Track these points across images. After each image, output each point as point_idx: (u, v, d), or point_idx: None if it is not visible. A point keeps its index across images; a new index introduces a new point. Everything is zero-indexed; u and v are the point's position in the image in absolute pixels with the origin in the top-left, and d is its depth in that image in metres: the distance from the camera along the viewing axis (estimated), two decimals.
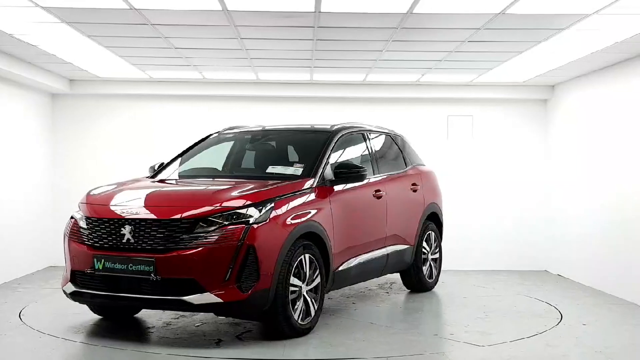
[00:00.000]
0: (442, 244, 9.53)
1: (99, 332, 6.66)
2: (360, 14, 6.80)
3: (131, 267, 5.90)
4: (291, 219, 6.29)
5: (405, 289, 9.10)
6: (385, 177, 8.08)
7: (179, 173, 7.64)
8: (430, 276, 9.07)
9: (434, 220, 9.19)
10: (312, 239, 6.54)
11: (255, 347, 6.06)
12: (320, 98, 11.43)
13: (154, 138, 11.34)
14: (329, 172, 7.03)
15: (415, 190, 8.67)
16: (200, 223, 5.89)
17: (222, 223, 5.90)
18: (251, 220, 5.95)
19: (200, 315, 7.14)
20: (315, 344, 6.21)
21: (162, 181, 7.34)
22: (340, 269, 7.04)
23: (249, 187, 6.38)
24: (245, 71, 10.16)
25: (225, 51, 8.66)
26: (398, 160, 8.71)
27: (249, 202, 6.05)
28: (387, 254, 7.95)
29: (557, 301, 8.52)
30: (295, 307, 6.26)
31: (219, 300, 5.77)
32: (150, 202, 6.38)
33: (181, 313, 7.25)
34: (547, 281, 10.36)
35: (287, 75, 10.64)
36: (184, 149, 8.23)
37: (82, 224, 6.37)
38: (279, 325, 6.18)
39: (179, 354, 5.80)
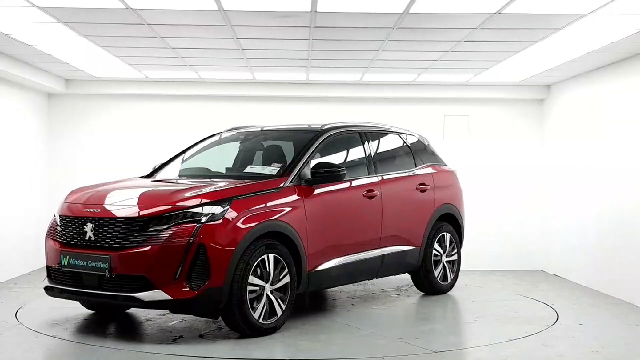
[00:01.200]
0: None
1: (95, 331, 6.66)
2: (356, 14, 6.80)
3: (90, 263, 6.15)
4: (251, 218, 6.29)
5: (420, 292, 8.92)
6: (383, 177, 7.95)
7: (178, 173, 7.72)
8: (445, 279, 8.82)
9: (450, 221, 8.95)
10: (279, 239, 6.54)
11: (210, 345, 6.13)
12: (316, 98, 11.43)
13: (150, 138, 11.33)
14: (307, 172, 7.01)
15: (423, 191, 8.48)
16: (154, 222, 6.02)
17: (174, 222, 6.01)
18: (203, 219, 6.03)
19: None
20: (269, 343, 6.19)
21: (155, 181, 7.42)
22: (317, 269, 6.97)
23: (209, 187, 6.45)
24: (242, 71, 10.15)
25: (221, 51, 8.65)
26: (405, 160, 8.54)
27: (201, 202, 6.13)
28: (383, 255, 7.82)
29: (554, 301, 8.53)
30: (256, 306, 6.27)
31: (169, 297, 5.89)
32: (112, 201, 6.53)
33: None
34: (544, 281, 10.38)
35: (283, 75, 10.64)
36: (184, 148, 8.28)
37: (58, 221, 6.67)
38: (236, 323, 6.23)
39: (139, 350, 5.92)
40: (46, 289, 6.65)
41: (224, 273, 6.00)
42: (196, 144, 8.26)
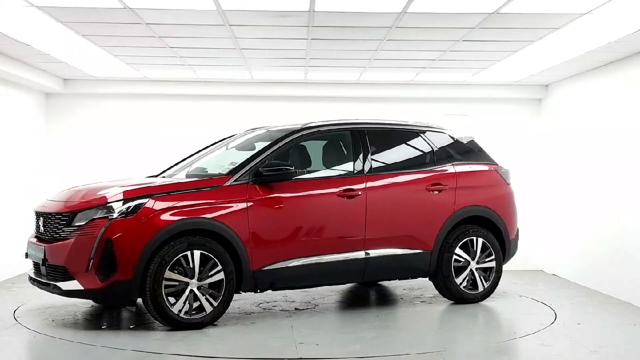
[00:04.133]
0: None
1: (94, 331, 6.66)
2: (354, 13, 6.80)
3: (37, 254, 6.86)
4: (170, 215, 6.55)
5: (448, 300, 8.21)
6: (374, 176, 7.59)
7: (186, 173, 7.83)
8: (474, 287, 8.08)
9: (485, 225, 8.24)
10: (214, 237, 6.67)
11: (128, 336, 6.39)
12: (314, 97, 11.42)
13: (148, 137, 11.31)
14: (258, 172, 7.01)
15: (439, 191, 7.92)
16: (76, 217, 6.59)
17: (90, 218, 6.50)
18: (114, 215, 6.45)
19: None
20: (178, 337, 6.31)
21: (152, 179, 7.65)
22: (265, 268, 6.92)
23: (128, 186, 6.81)
24: (240, 70, 10.15)
25: (219, 50, 8.65)
26: (420, 159, 8.14)
27: (112, 199, 6.55)
28: (368, 258, 7.47)
29: (552, 301, 8.52)
30: (176, 301, 6.49)
31: (81, 287, 6.43)
32: (58, 197, 7.14)
33: None
34: (542, 281, 10.38)
35: (281, 74, 10.63)
36: (199, 149, 8.48)
37: None
38: (153, 315, 6.56)
39: (139, 349, 5.97)
40: (28, 276, 7.19)
41: (133, 267, 6.36)
42: (214, 143, 8.45)
